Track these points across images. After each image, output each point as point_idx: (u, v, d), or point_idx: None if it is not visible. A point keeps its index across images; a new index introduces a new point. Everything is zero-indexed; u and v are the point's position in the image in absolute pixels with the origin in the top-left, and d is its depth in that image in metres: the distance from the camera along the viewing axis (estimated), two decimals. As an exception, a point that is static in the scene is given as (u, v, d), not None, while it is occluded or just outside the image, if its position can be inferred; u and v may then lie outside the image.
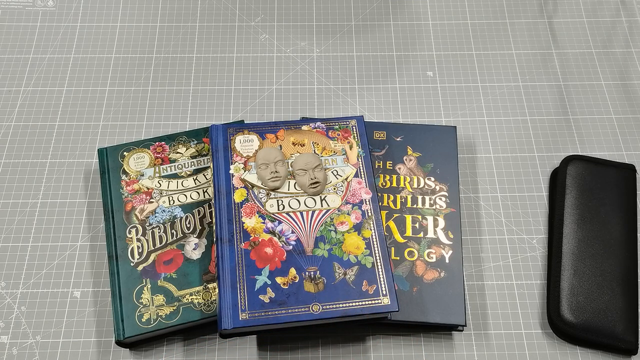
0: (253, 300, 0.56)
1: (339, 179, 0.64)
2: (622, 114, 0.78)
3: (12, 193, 0.72)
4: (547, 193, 0.72)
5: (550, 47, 0.83)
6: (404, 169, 0.69)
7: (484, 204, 0.72)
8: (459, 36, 0.84)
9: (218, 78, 0.80)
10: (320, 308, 0.56)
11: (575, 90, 0.80)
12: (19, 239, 0.69)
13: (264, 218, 0.61)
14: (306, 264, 0.59)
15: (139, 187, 0.67)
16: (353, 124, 0.68)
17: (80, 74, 0.80)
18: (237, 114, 0.77)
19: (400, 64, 0.82)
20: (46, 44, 0.82)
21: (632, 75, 0.81)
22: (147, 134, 0.75)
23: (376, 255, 0.59)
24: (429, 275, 0.64)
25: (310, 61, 0.82)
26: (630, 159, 0.74)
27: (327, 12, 0.86)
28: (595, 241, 0.65)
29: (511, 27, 0.85)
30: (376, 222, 0.61)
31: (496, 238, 0.69)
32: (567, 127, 0.77)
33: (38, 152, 0.74)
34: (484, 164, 0.74)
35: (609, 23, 0.86)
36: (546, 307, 0.64)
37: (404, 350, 0.63)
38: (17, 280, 0.66)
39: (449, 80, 0.80)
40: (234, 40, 0.83)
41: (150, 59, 0.81)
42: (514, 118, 0.78)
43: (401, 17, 0.86)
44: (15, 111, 0.77)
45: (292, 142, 0.66)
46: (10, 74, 0.80)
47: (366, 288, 0.58)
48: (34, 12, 0.85)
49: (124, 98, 0.78)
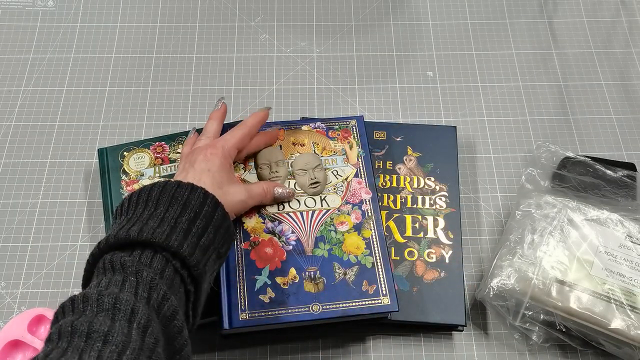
0: (253, 300, 0.56)
1: (339, 179, 0.64)
2: (622, 114, 0.78)
3: (12, 193, 0.72)
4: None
5: (550, 47, 0.83)
6: (404, 169, 0.69)
7: (484, 204, 0.72)
8: (459, 36, 0.84)
9: (218, 78, 0.80)
10: (320, 308, 0.56)
11: (575, 90, 0.80)
12: (19, 239, 0.69)
13: (264, 218, 0.61)
14: (306, 264, 0.59)
15: (139, 187, 0.67)
16: (353, 124, 0.68)
17: (80, 74, 0.80)
18: (237, 114, 0.77)
19: (400, 64, 0.82)
20: (46, 44, 0.82)
21: (632, 75, 0.81)
22: (147, 134, 0.75)
23: (376, 255, 0.59)
24: (429, 275, 0.64)
25: (310, 61, 0.82)
26: (630, 159, 0.74)
27: (327, 12, 0.86)
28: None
29: (511, 27, 0.85)
30: (376, 222, 0.61)
31: (496, 238, 0.69)
32: (567, 127, 0.77)
33: (38, 152, 0.74)
34: (484, 164, 0.74)
35: (609, 23, 0.86)
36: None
37: (404, 350, 0.63)
38: (17, 280, 0.66)
39: (449, 80, 0.80)
40: (234, 40, 0.83)
41: (150, 59, 0.81)
42: (514, 118, 0.78)
43: (401, 17, 0.86)
44: (15, 111, 0.77)
45: (292, 142, 0.66)
46: (10, 74, 0.80)
47: (366, 288, 0.58)
48: (34, 12, 0.85)
49: (124, 98, 0.78)
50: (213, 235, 0.49)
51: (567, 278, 0.60)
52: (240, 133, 0.61)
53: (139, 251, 0.45)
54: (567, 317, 0.59)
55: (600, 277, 0.60)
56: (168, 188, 0.50)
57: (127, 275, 0.43)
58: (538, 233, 0.63)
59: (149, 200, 0.49)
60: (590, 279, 0.60)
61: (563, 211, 0.64)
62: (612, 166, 0.69)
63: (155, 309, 0.42)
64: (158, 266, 0.45)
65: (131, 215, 0.49)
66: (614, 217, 0.63)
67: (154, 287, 0.43)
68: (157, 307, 0.42)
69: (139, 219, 0.47)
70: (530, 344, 0.62)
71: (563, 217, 0.64)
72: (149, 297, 0.42)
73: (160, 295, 0.43)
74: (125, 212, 0.50)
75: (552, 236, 0.63)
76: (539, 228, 0.64)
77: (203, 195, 0.50)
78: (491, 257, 0.65)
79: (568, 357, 0.63)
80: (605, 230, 0.63)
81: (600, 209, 0.64)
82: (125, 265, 0.43)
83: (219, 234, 0.50)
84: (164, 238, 0.46)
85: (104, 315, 0.39)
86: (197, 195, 0.50)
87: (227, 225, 0.52)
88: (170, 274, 0.45)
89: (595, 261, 0.61)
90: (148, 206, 0.49)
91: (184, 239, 0.47)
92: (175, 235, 0.46)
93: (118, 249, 0.46)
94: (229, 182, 0.56)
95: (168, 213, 0.48)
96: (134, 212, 0.49)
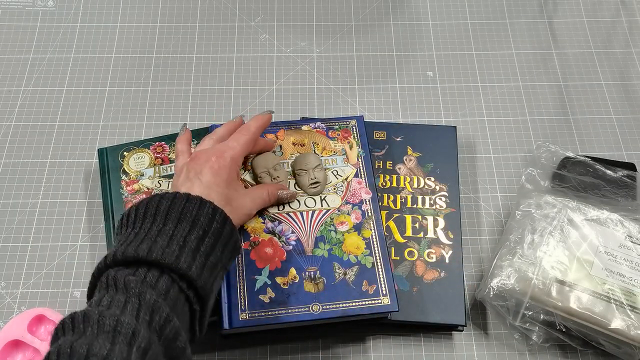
0: (253, 300, 0.56)
1: (339, 179, 0.64)
2: (622, 114, 0.78)
3: (12, 193, 0.72)
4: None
5: (550, 47, 0.83)
6: (404, 169, 0.69)
7: (484, 204, 0.72)
8: (459, 36, 0.84)
9: (218, 78, 0.80)
10: (320, 308, 0.56)
11: (575, 90, 0.80)
12: (19, 239, 0.69)
13: (264, 218, 0.61)
14: (306, 264, 0.59)
15: (139, 187, 0.67)
16: (353, 124, 0.68)
17: (80, 74, 0.80)
18: (237, 114, 0.77)
19: (400, 64, 0.82)
20: (46, 44, 0.82)
21: (632, 75, 0.81)
22: (147, 134, 0.75)
23: (376, 255, 0.59)
24: (429, 275, 0.64)
25: (310, 61, 0.82)
26: (630, 159, 0.74)
27: (327, 12, 0.86)
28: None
29: (511, 27, 0.85)
30: (376, 222, 0.61)
31: (496, 238, 0.69)
32: (567, 127, 0.77)
33: (38, 152, 0.74)
34: (484, 164, 0.74)
35: (609, 23, 0.86)
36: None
37: (404, 350, 0.63)
38: (17, 280, 0.66)
39: (449, 80, 0.80)
40: (234, 40, 0.83)
41: (150, 59, 0.81)
42: (514, 118, 0.78)
43: (401, 17, 0.86)
44: (15, 111, 0.77)
45: (292, 142, 0.66)
46: (10, 74, 0.80)
47: (366, 288, 0.58)
48: (34, 12, 0.85)
49: (124, 98, 0.78)
50: (221, 252, 0.49)
51: (567, 278, 0.60)
52: (245, 139, 0.59)
53: (145, 269, 0.45)
54: (567, 317, 0.59)
55: (600, 277, 0.60)
56: (177, 202, 0.49)
57: (129, 297, 0.42)
58: (538, 233, 0.63)
59: (157, 214, 0.48)
60: (590, 279, 0.60)
61: (563, 211, 0.64)
62: (612, 166, 0.69)
63: (157, 331, 0.42)
64: (163, 287, 0.44)
65: (139, 229, 0.48)
66: (614, 217, 0.63)
67: (156, 309, 0.42)
68: (159, 330, 0.42)
69: (147, 235, 0.47)
70: (530, 344, 0.62)
71: (563, 217, 0.64)
72: (150, 319, 0.42)
73: (162, 317, 0.42)
74: (132, 224, 0.49)
75: (552, 236, 0.63)
76: (539, 228, 0.64)
77: (212, 211, 0.49)
78: (491, 257, 0.65)
79: (568, 357, 0.63)
80: (605, 230, 0.63)
81: (600, 209, 0.64)
82: (128, 286, 0.43)
83: (226, 249, 0.50)
84: (173, 260, 0.45)
85: (104, 338, 0.39)
86: (206, 210, 0.49)
87: (235, 241, 0.51)
88: (175, 294, 0.45)
89: (595, 261, 0.61)
90: (156, 221, 0.48)
91: (192, 259, 0.46)
92: (184, 256, 0.46)
93: (124, 265, 0.45)
94: (237, 195, 0.56)
95: (177, 230, 0.47)
96: (141, 226, 0.48)
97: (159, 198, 0.49)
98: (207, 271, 0.47)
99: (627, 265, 0.61)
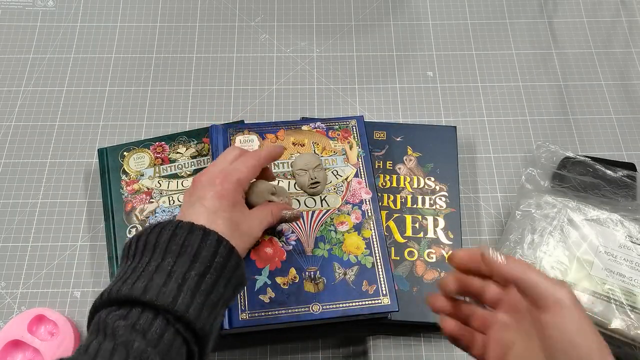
0: (253, 300, 0.56)
1: (339, 179, 0.64)
2: (622, 114, 0.78)
3: (12, 193, 0.72)
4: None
5: (550, 47, 0.83)
6: (404, 169, 0.69)
7: (484, 204, 0.72)
8: (459, 36, 0.84)
9: (218, 78, 0.80)
10: (320, 308, 0.56)
11: (575, 90, 0.80)
12: (19, 239, 0.69)
13: (264, 218, 0.61)
14: (306, 264, 0.59)
15: (139, 187, 0.67)
16: (353, 124, 0.68)
17: (80, 74, 0.80)
18: (237, 114, 0.77)
19: (400, 64, 0.82)
20: (46, 44, 0.82)
21: (632, 75, 0.81)
22: (147, 134, 0.75)
23: (376, 255, 0.59)
24: (429, 275, 0.64)
25: (310, 61, 0.82)
26: (630, 159, 0.74)
27: (327, 12, 0.86)
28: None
29: (511, 27, 0.85)
30: (376, 222, 0.61)
31: (496, 238, 0.69)
32: (567, 127, 0.77)
33: (38, 152, 0.74)
34: (484, 164, 0.74)
35: (609, 23, 0.86)
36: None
37: (404, 350, 0.63)
38: (17, 280, 0.66)
39: (449, 80, 0.80)
40: (234, 40, 0.83)
41: (150, 59, 0.81)
42: (514, 118, 0.78)
43: (401, 17, 0.86)
44: (15, 111, 0.77)
45: (292, 142, 0.66)
46: (10, 74, 0.80)
47: (366, 288, 0.58)
48: (34, 12, 0.85)
49: (124, 98, 0.78)
50: (224, 288, 0.46)
51: (567, 278, 0.60)
52: (252, 163, 0.55)
53: (139, 310, 0.42)
54: (567, 317, 0.59)
55: (600, 277, 0.60)
56: (179, 233, 0.46)
57: (117, 345, 0.40)
58: (538, 233, 0.63)
59: (157, 246, 0.46)
60: (590, 279, 0.60)
61: (563, 211, 0.64)
62: (612, 166, 0.69)
63: None
64: (156, 332, 0.41)
65: (137, 262, 0.46)
66: (614, 217, 0.63)
67: (144, 359, 0.40)
68: None
69: (144, 271, 0.44)
70: (530, 344, 0.62)
71: (563, 217, 0.64)
72: None
73: None
74: (132, 256, 0.47)
75: (552, 236, 0.63)
76: (539, 228, 0.64)
77: (216, 243, 0.47)
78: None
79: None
80: (605, 230, 0.63)
81: (600, 209, 0.64)
82: (117, 333, 0.40)
83: (230, 284, 0.47)
84: (170, 301, 0.42)
85: None
86: (209, 243, 0.46)
87: (240, 275, 0.48)
88: (171, 337, 0.42)
89: (595, 261, 0.61)
90: (155, 254, 0.45)
91: (191, 299, 0.43)
92: (182, 297, 0.43)
93: (118, 304, 0.43)
94: (244, 218, 0.53)
95: (176, 266, 0.45)
96: (140, 260, 0.46)
97: (159, 229, 0.47)
98: (206, 310, 0.44)
99: (627, 265, 0.61)
